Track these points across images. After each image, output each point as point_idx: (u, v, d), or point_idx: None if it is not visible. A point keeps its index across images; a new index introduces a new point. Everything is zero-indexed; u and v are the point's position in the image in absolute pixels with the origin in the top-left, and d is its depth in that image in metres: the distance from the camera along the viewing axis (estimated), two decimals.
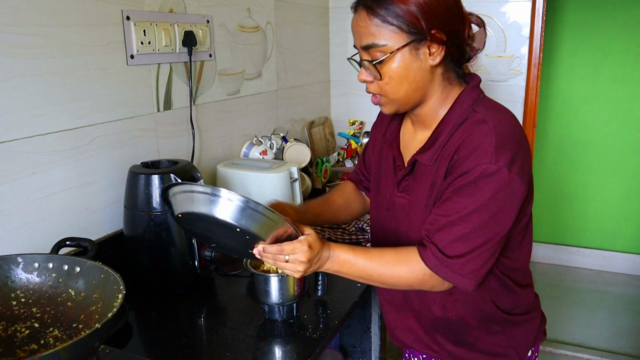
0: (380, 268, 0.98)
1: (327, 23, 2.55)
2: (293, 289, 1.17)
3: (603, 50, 3.30)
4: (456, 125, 0.99)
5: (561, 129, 3.50)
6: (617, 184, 3.46)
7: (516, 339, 1.12)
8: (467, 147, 0.94)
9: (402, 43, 0.93)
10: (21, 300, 0.88)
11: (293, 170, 1.68)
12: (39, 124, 1.18)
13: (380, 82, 0.98)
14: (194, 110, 1.66)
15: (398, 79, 0.96)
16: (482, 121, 0.95)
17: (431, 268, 0.96)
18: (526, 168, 0.95)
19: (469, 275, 0.95)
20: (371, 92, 1.02)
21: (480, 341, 1.11)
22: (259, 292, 1.18)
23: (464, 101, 1.00)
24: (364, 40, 0.96)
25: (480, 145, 0.92)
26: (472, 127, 0.96)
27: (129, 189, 1.28)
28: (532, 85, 2.29)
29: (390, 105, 1.02)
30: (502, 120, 0.96)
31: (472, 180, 0.92)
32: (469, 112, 0.98)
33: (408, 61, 0.95)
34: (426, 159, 1.01)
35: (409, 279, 0.98)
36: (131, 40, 1.39)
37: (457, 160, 0.95)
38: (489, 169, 0.90)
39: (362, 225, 1.71)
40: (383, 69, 0.96)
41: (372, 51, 0.95)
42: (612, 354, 2.63)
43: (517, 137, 0.95)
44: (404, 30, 0.93)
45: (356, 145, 2.54)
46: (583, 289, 3.35)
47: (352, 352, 1.72)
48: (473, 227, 0.93)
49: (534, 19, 2.24)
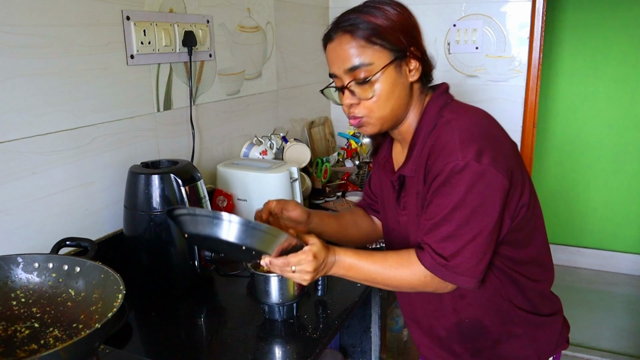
0: (384, 271, 1.00)
1: (327, 23, 2.53)
2: (293, 289, 1.17)
3: (603, 50, 3.30)
4: (427, 133, 1.02)
5: (561, 129, 3.50)
6: (617, 183, 3.46)
7: (538, 342, 1.09)
8: (435, 150, 0.97)
9: (387, 61, 0.97)
10: (21, 300, 0.88)
11: (293, 170, 1.68)
12: (39, 124, 1.18)
13: (368, 101, 0.99)
14: (194, 110, 1.66)
15: (385, 96, 0.99)
16: (446, 123, 0.99)
17: (429, 269, 0.96)
18: (501, 158, 0.95)
19: (466, 273, 0.95)
20: (355, 114, 1.02)
21: (500, 346, 1.09)
22: (259, 292, 1.18)
23: (431, 109, 1.03)
24: (348, 63, 0.98)
25: (446, 144, 0.95)
26: (438, 130, 0.99)
27: (129, 189, 1.28)
28: (532, 85, 2.29)
29: (373, 126, 1.03)
30: (466, 119, 0.99)
31: (445, 180, 0.94)
32: (437, 119, 1.02)
33: (393, 78, 0.98)
34: (408, 171, 1.04)
35: (411, 281, 0.99)
36: (131, 40, 1.39)
37: (430, 165, 0.98)
38: (457, 166, 0.92)
39: None
40: (371, 88, 0.98)
41: (358, 72, 0.97)
42: (612, 354, 2.63)
43: (484, 131, 0.97)
44: (387, 48, 0.96)
45: (356, 145, 2.54)
46: (583, 289, 3.35)
47: (352, 352, 1.72)
48: (457, 224, 0.94)
49: (534, 19, 2.24)
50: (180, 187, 1.26)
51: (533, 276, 1.09)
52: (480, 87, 2.38)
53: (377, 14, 0.97)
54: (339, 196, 2.02)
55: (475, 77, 2.40)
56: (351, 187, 2.14)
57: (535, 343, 1.09)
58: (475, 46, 2.36)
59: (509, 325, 1.08)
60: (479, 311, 1.07)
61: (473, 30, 2.35)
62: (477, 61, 2.38)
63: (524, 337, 1.09)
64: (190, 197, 1.28)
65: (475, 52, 2.37)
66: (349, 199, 2.00)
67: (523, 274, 1.07)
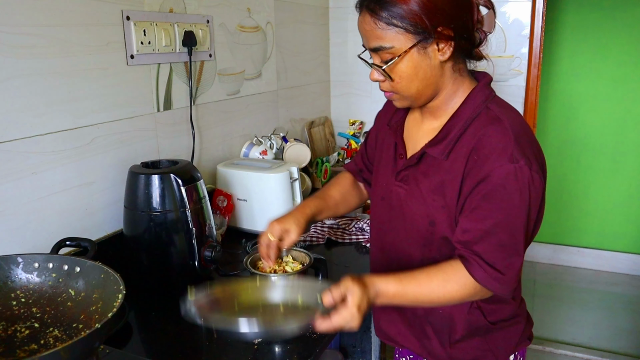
0: (432, 293, 0.96)
1: (327, 23, 2.55)
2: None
3: (603, 50, 3.30)
4: (469, 120, 0.98)
5: (561, 129, 3.50)
6: (617, 183, 3.46)
7: (496, 344, 1.10)
8: (485, 146, 0.94)
9: (409, 44, 0.93)
10: (21, 300, 0.88)
11: (293, 170, 1.68)
12: (39, 124, 1.18)
13: (392, 82, 0.98)
14: (194, 110, 1.66)
15: (408, 78, 0.96)
16: (497, 119, 0.95)
17: (481, 282, 0.94)
18: (543, 166, 0.96)
19: (510, 282, 0.95)
20: (384, 90, 1.02)
21: (463, 341, 1.09)
22: None
23: (477, 97, 1.00)
24: (371, 43, 0.96)
25: (499, 144, 0.92)
26: (487, 124, 0.96)
27: (129, 189, 1.28)
28: (532, 85, 2.29)
29: (404, 101, 1.02)
30: (516, 119, 0.97)
31: (500, 184, 0.91)
32: (481, 108, 0.99)
33: (417, 60, 0.95)
34: (437, 152, 1.00)
35: (462, 296, 0.97)
36: (131, 40, 1.39)
37: (477, 161, 0.94)
38: (512, 170, 0.90)
39: (362, 225, 1.71)
40: (393, 70, 0.96)
41: (381, 53, 0.96)
42: (612, 354, 2.63)
43: (531, 136, 0.97)
44: (410, 31, 0.92)
45: (356, 145, 2.54)
46: (583, 289, 3.35)
47: (352, 352, 1.72)
48: (510, 232, 0.92)
49: (534, 19, 2.24)
50: (180, 187, 1.26)
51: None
52: None
53: None
54: None
55: None
56: None
57: (493, 343, 1.09)
58: None
59: (473, 326, 1.08)
60: (453, 307, 1.07)
61: None
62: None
63: (482, 338, 1.09)
64: (190, 197, 1.28)
65: None
66: None
67: None
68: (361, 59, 1.03)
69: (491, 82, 1.05)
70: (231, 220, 1.69)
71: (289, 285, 1.03)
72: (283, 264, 1.23)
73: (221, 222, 1.63)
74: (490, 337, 1.09)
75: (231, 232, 1.70)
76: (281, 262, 1.23)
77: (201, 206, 1.31)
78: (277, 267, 1.21)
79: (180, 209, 1.26)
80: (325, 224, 1.73)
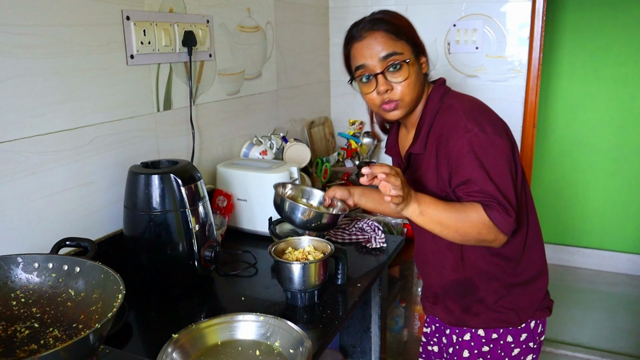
0: (457, 213, 1.09)
1: (327, 23, 2.55)
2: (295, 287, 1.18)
3: (603, 50, 3.30)
4: (432, 115, 1.21)
5: (561, 129, 3.50)
6: (617, 184, 3.46)
7: (518, 302, 1.23)
8: (445, 129, 1.16)
9: (411, 53, 1.18)
10: (21, 300, 0.88)
11: (293, 170, 1.68)
12: (39, 124, 1.18)
13: (400, 85, 1.16)
14: (194, 110, 1.66)
15: (414, 81, 1.18)
16: (450, 106, 1.18)
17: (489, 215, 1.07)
18: (502, 128, 1.15)
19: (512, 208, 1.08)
20: (391, 98, 1.18)
21: (485, 301, 1.23)
22: (282, 279, 1.18)
23: (434, 97, 1.23)
24: (384, 51, 1.16)
25: (455, 124, 1.13)
26: (444, 113, 1.18)
27: (129, 189, 1.28)
28: (532, 85, 2.29)
29: (402, 109, 1.20)
30: (466, 103, 1.19)
31: (465, 150, 1.10)
32: (439, 105, 1.21)
33: (416, 68, 1.19)
34: (416, 149, 1.23)
35: (478, 225, 1.08)
36: (131, 40, 1.39)
37: (444, 142, 1.15)
38: (468, 137, 1.10)
39: (362, 225, 1.71)
40: (403, 73, 1.16)
41: (392, 59, 1.16)
42: (612, 354, 2.63)
43: (485, 109, 1.18)
44: (410, 43, 1.18)
45: (356, 145, 2.54)
46: (583, 289, 3.35)
47: (352, 352, 1.72)
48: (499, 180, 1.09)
49: (534, 19, 2.24)
50: (180, 187, 1.26)
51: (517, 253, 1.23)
52: (480, 87, 2.38)
53: (398, 17, 1.20)
54: None
55: (475, 77, 2.40)
56: None
57: (515, 301, 1.23)
58: (476, 46, 2.36)
59: (493, 281, 1.22)
60: (472, 271, 1.23)
61: (473, 30, 2.35)
62: (477, 61, 2.38)
63: (506, 297, 1.22)
64: (190, 197, 1.28)
65: (475, 52, 2.37)
66: None
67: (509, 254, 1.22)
68: (362, 77, 1.19)
69: (445, 82, 1.27)
70: (231, 220, 1.69)
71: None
72: (305, 253, 1.27)
73: (221, 222, 1.63)
74: (513, 295, 1.22)
75: (231, 232, 1.70)
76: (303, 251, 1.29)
77: (201, 206, 1.31)
78: (299, 255, 1.26)
79: (180, 209, 1.26)
80: None
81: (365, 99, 1.23)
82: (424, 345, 1.45)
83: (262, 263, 1.48)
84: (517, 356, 1.25)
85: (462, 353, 1.27)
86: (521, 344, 1.24)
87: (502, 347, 1.24)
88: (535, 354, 1.28)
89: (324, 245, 1.29)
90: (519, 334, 1.24)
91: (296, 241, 1.31)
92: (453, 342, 1.30)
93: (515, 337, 1.24)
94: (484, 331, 1.25)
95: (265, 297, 1.30)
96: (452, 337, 1.30)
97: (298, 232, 1.43)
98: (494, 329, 1.24)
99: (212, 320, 1.06)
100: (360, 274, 1.40)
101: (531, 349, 1.26)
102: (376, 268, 1.45)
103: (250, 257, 1.51)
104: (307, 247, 1.30)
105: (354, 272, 1.40)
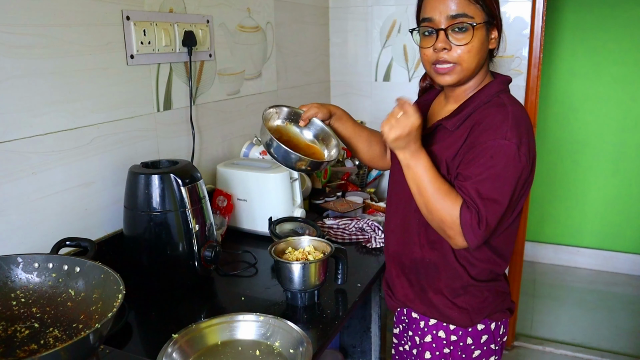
0: (438, 190, 1.08)
1: (327, 23, 2.55)
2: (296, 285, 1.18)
3: (603, 50, 3.30)
4: (481, 103, 1.14)
5: (561, 129, 3.50)
6: (617, 184, 3.46)
7: (471, 303, 1.20)
8: (486, 121, 1.10)
9: (483, 20, 1.10)
10: (21, 300, 0.88)
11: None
12: (39, 124, 1.18)
13: (460, 49, 1.09)
14: (194, 110, 1.66)
15: (476, 49, 1.11)
16: (503, 104, 1.12)
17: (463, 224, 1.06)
18: (532, 154, 1.10)
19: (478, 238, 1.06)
20: (446, 59, 1.11)
21: (442, 293, 1.21)
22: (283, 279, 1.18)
23: (493, 87, 1.16)
24: (454, 10, 1.09)
25: (498, 122, 1.08)
26: (492, 106, 1.12)
27: (129, 189, 1.28)
28: (532, 85, 2.29)
29: (457, 75, 1.13)
30: (521, 111, 1.13)
31: (489, 152, 1.06)
32: (494, 97, 1.15)
33: (484, 38, 1.12)
34: (450, 125, 1.16)
35: (447, 213, 1.07)
36: (131, 40, 1.39)
37: (475, 132, 1.10)
38: (501, 145, 1.05)
39: (362, 225, 1.71)
40: (467, 37, 1.09)
41: (460, 20, 1.09)
42: (612, 354, 2.64)
43: (529, 128, 1.12)
44: (484, 10, 1.10)
45: None
46: (583, 289, 3.35)
47: (352, 352, 1.72)
48: (498, 192, 1.06)
49: (534, 19, 2.24)
50: (180, 187, 1.26)
51: (490, 258, 1.20)
52: None
53: None
54: (338, 196, 2.02)
55: None
56: (351, 187, 2.14)
57: (470, 303, 1.20)
58: None
59: (454, 280, 1.20)
60: (435, 256, 1.20)
61: None
62: None
63: (462, 296, 1.20)
64: (190, 197, 1.28)
65: None
66: (349, 199, 2.00)
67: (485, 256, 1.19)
68: (422, 28, 1.14)
69: (510, 82, 1.20)
70: (231, 220, 1.69)
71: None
72: (305, 253, 1.27)
73: (221, 222, 1.63)
74: (470, 294, 1.20)
75: (231, 232, 1.70)
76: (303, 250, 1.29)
77: (201, 206, 1.31)
78: (299, 255, 1.26)
79: (180, 209, 1.27)
80: (325, 224, 1.74)
81: (421, 53, 1.17)
82: (396, 347, 1.39)
83: (262, 263, 1.48)
84: (479, 357, 1.23)
85: (424, 355, 1.26)
86: (482, 345, 1.23)
87: (462, 349, 1.22)
88: (497, 355, 1.26)
89: (324, 245, 1.29)
90: (479, 335, 1.22)
91: (296, 241, 1.31)
92: (416, 344, 1.28)
93: (476, 339, 1.22)
94: (444, 332, 1.22)
95: (265, 297, 1.30)
96: (415, 339, 1.28)
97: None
98: (446, 325, 1.22)
99: (212, 320, 1.06)
100: (360, 274, 1.40)
101: (493, 350, 1.25)
102: (376, 268, 1.45)
103: (250, 257, 1.51)
104: (307, 247, 1.30)
105: (354, 272, 1.40)
